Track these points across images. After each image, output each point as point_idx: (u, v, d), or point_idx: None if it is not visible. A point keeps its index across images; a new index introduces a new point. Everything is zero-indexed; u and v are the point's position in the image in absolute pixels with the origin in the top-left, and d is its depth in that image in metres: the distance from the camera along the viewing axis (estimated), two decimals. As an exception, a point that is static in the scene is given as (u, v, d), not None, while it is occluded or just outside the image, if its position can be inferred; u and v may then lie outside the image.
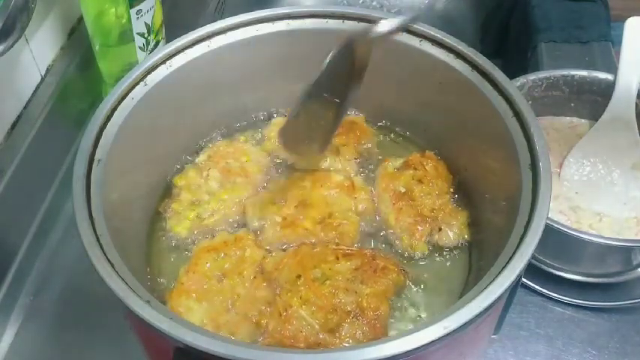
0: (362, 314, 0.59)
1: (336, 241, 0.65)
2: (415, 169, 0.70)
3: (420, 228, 0.66)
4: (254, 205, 0.69)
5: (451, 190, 0.70)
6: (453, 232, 0.66)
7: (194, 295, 0.61)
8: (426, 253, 0.66)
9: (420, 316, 0.62)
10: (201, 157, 0.73)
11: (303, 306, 0.59)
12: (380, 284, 0.61)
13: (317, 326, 0.58)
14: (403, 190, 0.69)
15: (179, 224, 0.68)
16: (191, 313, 0.60)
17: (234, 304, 0.61)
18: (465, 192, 0.70)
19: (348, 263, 0.62)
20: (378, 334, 0.58)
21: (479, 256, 0.65)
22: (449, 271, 0.66)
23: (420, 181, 0.69)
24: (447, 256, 0.67)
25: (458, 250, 0.67)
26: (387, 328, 0.60)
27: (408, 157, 0.71)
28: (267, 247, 0.66)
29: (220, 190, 0.70)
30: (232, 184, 0.70)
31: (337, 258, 0.63)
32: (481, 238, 0.66)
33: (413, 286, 0.64)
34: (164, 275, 0.66)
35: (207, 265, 0.63)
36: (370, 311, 0.59)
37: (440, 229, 0.66)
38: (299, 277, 0.61)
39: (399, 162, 0.72)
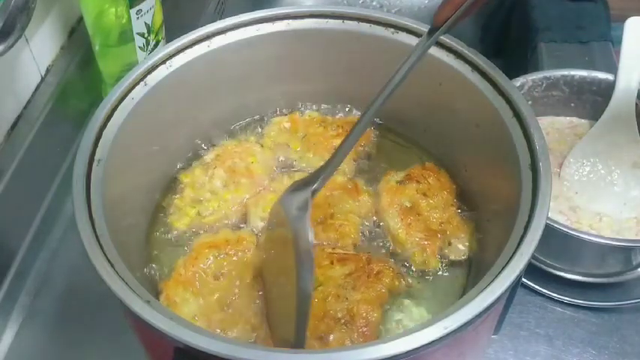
0: (352, 321, 0.58)
1: (338, 243, 0.65)
2: (418, 182, 0.69)
3: (431, 243, 0.65)
4: (256, 205, 0.69)
5: (455, 200, 0.69)
6: (463, 245, 0.65)
7: (190, 288, 0.61)
8: (439, 268, 0.65)
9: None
10: (209, 156, 0.73)
11: None
12: (372, 290, 0.60)
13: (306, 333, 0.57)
14: (409, 204, 0.68)
15: (179, 220, 0.69)
16: (186, 305, 0.60)
17: (230, 303, 0.61)
18: (465, 192, 0.70)
19: (342, 268, 0.62)
20: (369, 341, 0.57)
21: (478, 259, 0.65)
22: (447, 281, 0.65)
23: (424, 195, 0.68)
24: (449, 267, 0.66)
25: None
26: (379, 334, 0.59)
27: (410, 170, 0.70)
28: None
29: (223, 189, 0.70)
30: (236, 185, 0.70)
31: (332, 262, 0.62)
32: (481, 239, 0.66)
33: (410, 299, 0.63)
34: (163, 271, 0.66)
35: (207, 260, 0.63)
36: (360, 318, 0.58)
37: (450, 243, 0.65)
38: None
39: (400, 175, 0.70)
